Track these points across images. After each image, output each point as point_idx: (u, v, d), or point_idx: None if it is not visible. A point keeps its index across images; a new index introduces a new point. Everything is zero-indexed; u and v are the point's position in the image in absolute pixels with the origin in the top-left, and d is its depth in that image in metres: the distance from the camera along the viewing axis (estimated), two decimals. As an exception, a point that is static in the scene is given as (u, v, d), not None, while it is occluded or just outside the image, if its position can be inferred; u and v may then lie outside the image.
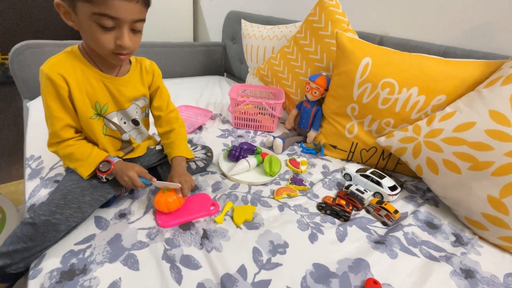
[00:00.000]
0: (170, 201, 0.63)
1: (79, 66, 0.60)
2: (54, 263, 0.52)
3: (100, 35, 0.52)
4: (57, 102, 0.58)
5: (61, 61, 0.58)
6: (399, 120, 0.85)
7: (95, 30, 0.52)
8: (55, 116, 0.59)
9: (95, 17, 0.50)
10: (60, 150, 0.62)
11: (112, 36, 0.53)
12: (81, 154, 0.62)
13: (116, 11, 0.50)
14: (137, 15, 0.53)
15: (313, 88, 1.01)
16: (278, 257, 0.58)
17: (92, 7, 0.49)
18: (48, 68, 0.56)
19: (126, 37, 0.54)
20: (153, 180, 0.65)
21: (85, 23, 0.52)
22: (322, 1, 1.02)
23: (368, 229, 0.69)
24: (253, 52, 1.40)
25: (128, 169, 0.63)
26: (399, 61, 0.82)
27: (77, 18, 0.53)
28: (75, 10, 0.52)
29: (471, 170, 0.67)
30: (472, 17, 0.87)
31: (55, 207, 0.56)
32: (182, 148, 0.75)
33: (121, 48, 0.55)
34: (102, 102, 0.64)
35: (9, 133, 1.75)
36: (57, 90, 0.57)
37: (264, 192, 0.78)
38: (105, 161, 0.63)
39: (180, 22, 2.09)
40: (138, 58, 0.71)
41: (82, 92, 0.60)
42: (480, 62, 0.77)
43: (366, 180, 0.83)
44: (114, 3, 0.49)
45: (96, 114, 0.64)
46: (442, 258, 0.62)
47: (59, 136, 0.61)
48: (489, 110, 0.67)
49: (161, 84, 0.76)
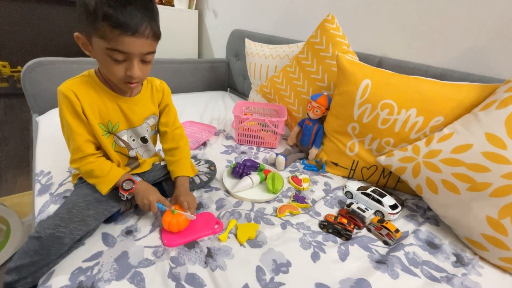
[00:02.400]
0: (181, 221, 0.65)
1: (94, 87, 0.65)
2: (63, 280, 0.53)
3: (112, 67, 0.58)
4: (75, 118, 0.63)
5: (76, 82, 0.63)
6: (398, 139, 0.88)
7: (108, 62, 0.57)
8: (75, 132, 0.63)
9: (108, 51, 0.55)
10: (82, 167, 0.65)
11: (123, 67, 0.58)
12: (101, 171, 0.65)
13: (126, 47, 0.55)
14: (147, 48, 0.58)
15: (315, 107, 1.04)
16: (281, 276, 0.59)
17: (106, 43, 0.54)
18: (64, 87, 0.62)
19: (136, 68, 0.58)
20: (171, 208, 0.67)
21: (99, 55, 0.58)
22: (324, 25, 1.07)
23: (370, 248, 0.70)
24: (256, 69, 1.45)
25: (150, 193, 0.67)
26: (398, 83, 0.86)
27: (93, 49, 0.58)
28: (91, 43, 0.57)
29: (470, 191, 0.69)
30: (468, 40, 0.91)
31: (59, 221, 0.58)
32: (186, 168, 0.78)
33: (131, 78, 0.60)
34: (114, 121, 0.68)
35: (15, 145, 1.77)
36: (73, 106, 0.61)
37: (267, 210, 0.80)
38: (128, 180, 0.67)
39: (185, 40, 2.17)
40: (149, 78, 0.76)
41: (94, 112, 0.64)
42: (475, 85, 0.80)
43: (367, 198, 0.84)
44: (124, 40, 0.54)
45: (107, 132, 0.68)
46: (443, 279, 0.63)
47: (82, 151, 0.64)
48: (485, 133, 0.69)
49: (170, 102, 0.80)
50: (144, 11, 0.55)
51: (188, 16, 2.13)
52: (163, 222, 0.66)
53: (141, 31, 0.54)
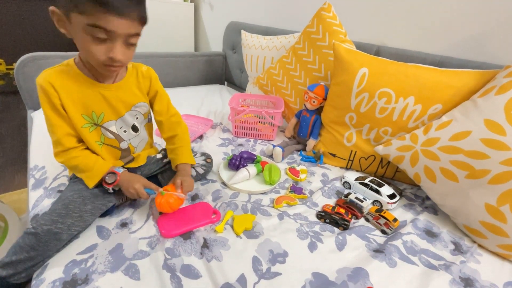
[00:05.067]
0: (172, 201, 0.65)
1: (73, 77, 0.61)
2: (56, 273, 0.53)
3: (92, 46, 0.53)
4: (53, 110, 0.60)
5: (53, 73, 0.60)
6: (396, 128, 0.86)
7: (88, 41, 0.52)
8: (54, 124, 0.61)
9: (88, 28, 0.50)
10: (66, 162, 0.64)
11: (104, 48, 0.53)
12: (85, 166, 0.64)
13: (110, 25, 0.50)
14: (132, 30, 0.54)
15: (312, 98, 1.03)
16: (278, 266, 0.59)
17: (86, 19, 0.49)
18: (41, 78, 0.59)
19: (118, 50, 0.54)
20: (159, 190, 0.66)
21: (78, 34, 0.52)
22: (320, 13, 1.05)
23: (367, 238, 0.69)
24: (253, 61, 1.43)
25: (134, 181, 0.65)
26: (395, 71, 0.84)
27: (71, 27, 0.53)
28: (69, 19, 0.52)
29: (468, 179, 0.68)
30: (467, 27, 0.89)
31: (57, 217, 0.57)
32: (186, 155, 0.76)
33: (112, 61, 0.55)
34: (98, 112, 0.65)
35: (12, 142, 1.76)
36: (49, 98, 0.59)
37: (264, 201, 0.79)
38: (110, 173, 0.65)
39: (181, 33, 2.14)
40: (135, 64, 0.72)
41: (75, 103, 0.62)
42: (474, 71, 0.79)
43: (365, 188, 0.83)
44: (108, 17, 0.49)
45: (92, 124, 0.65)
46: (441, 267, 0.62)
47: (62, 145, 0.62)
48: (484, 119, 0.68)
49: (160, 88, 0.76)
50: None
51: (184, 9, 2.10)
52: (156, 204, 0.66)
53: (128, 12, 0.51)
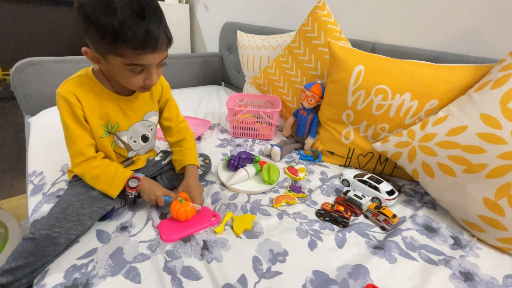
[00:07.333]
0: (189, 210, 0.67)
1: (92, 88, 0.64)
2: (57, 279, 0.53)
3: (131, 78, 0.59)
4: (76, 121, 0.62)
5: (75, 84, 0.62)
6: (393, 125, 0.87)
7: (126, 75, 0.58)
8: (77, 135, 0.62)
9: (127, 66, 0.56)
10: (86, 173, 0.64)
11: (142, 77, 0.59)
12: (107, 175, 0.65)
13: (146, 61, 0.56)
14: (163, 56, 0.59)
15: (309, 96, 1.03)
16: (278, 265, 0.59)
17: (124, 60, 0.55)
18: (63, 90, 0.60)
19: (154, 77, 0.60)
20: (178, 198, 0.68)
21: (115, 69, 0.58)
22: (315, 12, 1.05)
23: (367, 235, 0.69)
24: (249, 61, 1.43)
25: (156, 189, 0.69)
26: (391, 68, 0.84)
27: (107, 64, 0.58)
28: (105, 60, 0.57)
29: (466, 173, 0.68)
30: (462, 22, 0.89)
31: (54, 221, 0.57)
32: (194, 157, 0.79)
33: (150, 86, 0.62)
34: (114, 121, 0.68)
35: (11, 148, 1.76)
36: (73, 109, 0.61)
37: (263, 201, 0.79)
38: (133, 177, 0.67)
39: (177, 35, 2.13)
40: None
41: (94, 113, 0.64)
42: (470, 66, 0.79)
43: (363, 186, 0.84)
44: (144, 56, 0.55)
45: (107, 132, 0.68)
46: (441, 262, 0.62)
47: (84, 154, 0.63)
48: (480, 114, 0.68)
49: (170, 96, 0.79)
50: (159, 23, 0.55)
51: (179, 11, 2.10)
52: (171, 211, 0.67)
53: (159, 46, 0.55)
